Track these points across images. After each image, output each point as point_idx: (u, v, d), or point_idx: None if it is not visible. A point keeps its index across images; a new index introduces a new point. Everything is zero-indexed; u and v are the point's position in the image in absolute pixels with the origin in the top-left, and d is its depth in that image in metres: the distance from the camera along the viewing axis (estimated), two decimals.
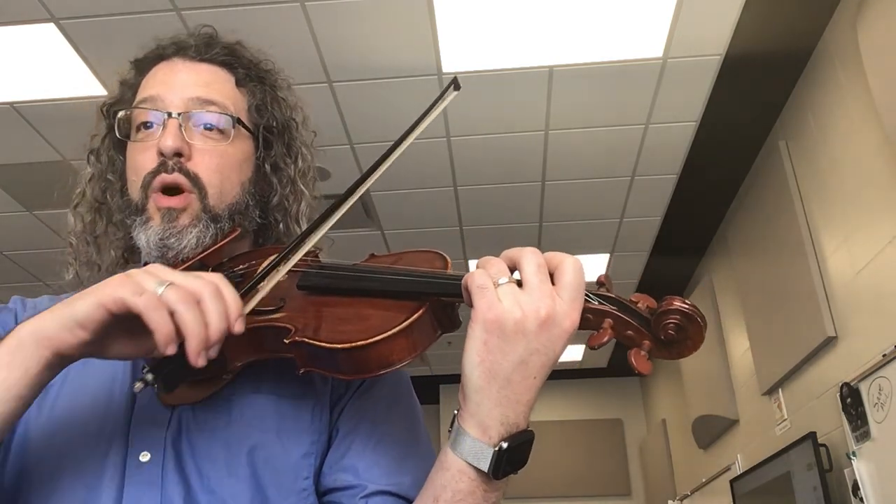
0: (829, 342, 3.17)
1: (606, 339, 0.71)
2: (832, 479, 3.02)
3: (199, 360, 0.67)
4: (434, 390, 7.13)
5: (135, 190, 0.92)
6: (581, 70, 3.19)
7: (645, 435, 7.19)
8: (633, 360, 0.70)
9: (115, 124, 0.96)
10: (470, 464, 0.71)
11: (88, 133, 1.04)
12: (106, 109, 1.01)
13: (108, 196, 1.00)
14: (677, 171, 3.97)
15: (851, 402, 2.88)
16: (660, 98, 3.38)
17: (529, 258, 0.72)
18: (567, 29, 2.95)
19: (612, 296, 0.73)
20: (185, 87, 0.93)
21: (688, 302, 0.69)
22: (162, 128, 0.91)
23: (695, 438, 5.30)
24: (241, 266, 0.92)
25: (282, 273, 0.80)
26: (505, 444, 0.70)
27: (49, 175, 3.80)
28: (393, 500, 0.84)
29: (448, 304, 0.77)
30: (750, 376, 4.15)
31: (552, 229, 4.53)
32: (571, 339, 0.71)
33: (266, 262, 0.83)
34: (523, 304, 0.69)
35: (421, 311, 0.73)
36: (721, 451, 4.84)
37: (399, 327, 0.72)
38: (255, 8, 2.75)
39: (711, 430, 4.92)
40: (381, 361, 0.73)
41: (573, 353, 6.44)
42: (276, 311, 0.80)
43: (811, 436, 3.13)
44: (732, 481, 4.22)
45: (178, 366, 0.68)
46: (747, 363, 4.19)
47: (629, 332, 0.72)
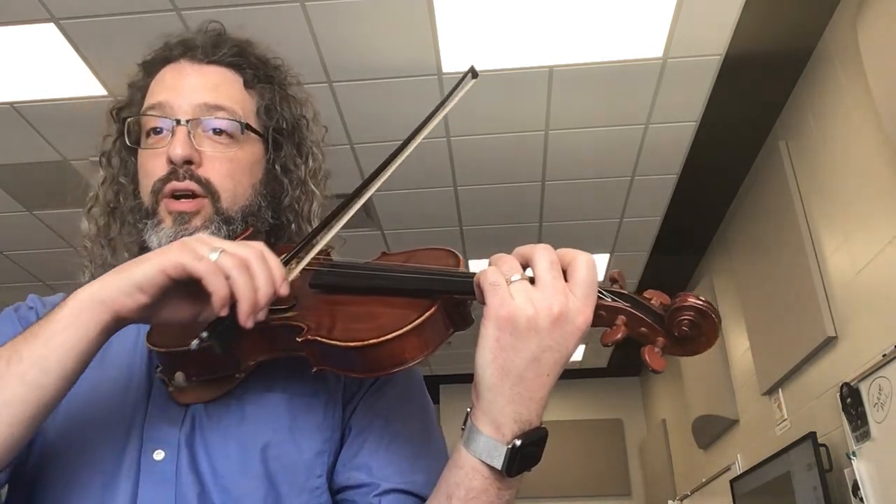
0: (829, 342, 3.17)
1: (620, 336, 0.71)
2: (832, 479, 3.02)
3: (248, 321, 0.71)
4: (434, 390, 7.13)
5: (146, 195, 0.93)
6: (581, 70, 3.19)
7: (645, 435, 7.19)
8: (647, 357, 0.70)
9: (125, 130, 0.96)
10: (483, 461, 0.71)
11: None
12: (115, 113, 1.01)
13: (121, 199, 1.00)
14: (677, 171, 3.97)
15: (851, 402, 2.88)
16: (660, 98, 3.38)
17: (542, 255, 0.72)
18: (567, 29, 2.95)
19: (625, 292, 0.73)
20: (193, 92, 0.93)
21: (702, 298, 0.69)
22: (171, 134, 0.91)
23: (695, 438, 5.30)
24: None
25: (323, 243, 0.82)
26: (518, 442, 0.70)
27: (49, 175, 3.81)
28: (406, 499, 0.84)
29: (460, 302, 0.77)
30: (750, 376, 4.15)
31: (552, 229, 4.53)
32: (584, 337, 0.71)
33: (308, 232, 0.85)
34: (536, 301, 0.69)
35: (433, 309, 0.73)
36: (721, 451, 4.84)
37: (411, 325, 0.72)
38: (255, 8, 2.75)
39: (711, 430, 4.92)
40: (393, 359, 0.73)
41: (574, 354, 6.43)
42: (289, 309, 0.80)
43: (811, 436, 3.13)
44: (732, 481, 4.22)
45: (228, 328, 0.72)
46: (747, 363, 4.19)
47: (642, 329, 0.71)
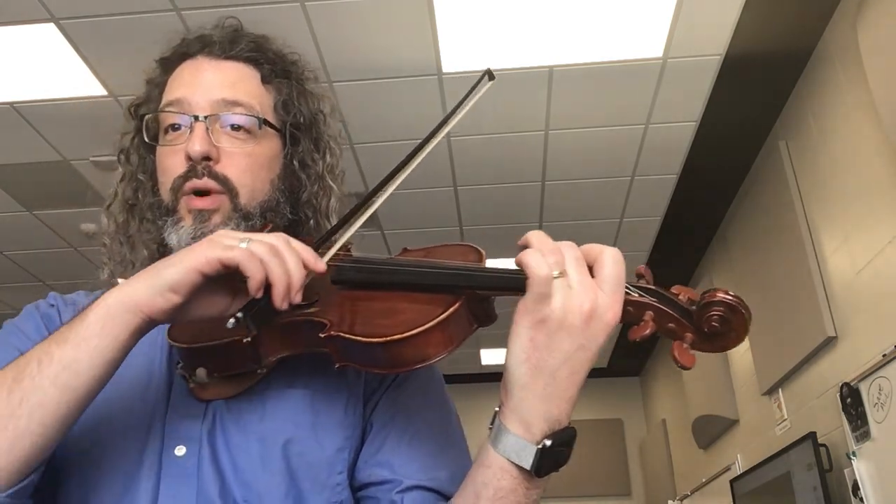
0: (829, 342, 3.17)
1: (648, 331, 0.70)
2: (832, 479, 3.02)
3: (284, 303, 0.72)
4: None
5: (165, 192, 0.93)
6: (581, 70, 3.19)
7: (645, 435, 7.19)
8: (675, 353, 0.70)
9: (143, 126, 0.96)
10: (512, 461, 0.71)
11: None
12: (133, 110, 1.01)
13: (140, 196, 1.00)
14: (677, 171, 3.97)
15: (851, 402, 2.88)
16: (660, 98, 3.38)
17: (568, 252, 0.71)
18: (567, 29, 2.95)
19: (653, 287, 0.72)
20: (210, 88, 0.93)
21: (731, 293, 0.69)
22: (189, 130, 0.91)
23: (695, 438, 5.30)
24: None
25: (355, 227, 0.83)
26: (548, 442, 0.70)
27: (49, 175, 3.81)
28: (429, 495, 0.84)
29: (484, 298, 0.76)
30: (750, 376, 4.15)
31: (552, 229, 4.51)
32: (613, 333, 0.70)
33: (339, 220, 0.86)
34: (569, 299, 0.69)
35: (457, 305, 0.73)
36: (721, 451, 4.84)
37: (435, 321, 0.71)
38: (254, 8, 2.75)
39: (711, 430, 4.92)
40: (417, 355, 0.73)
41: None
42: (311, 305, 0.80)
43: (811, 436, 3.13)
44: (732, 481, 4.22)
45: (262, 309, 0.73)
46: (747, 363, 4.19)
47: (670, 325, 0.71)
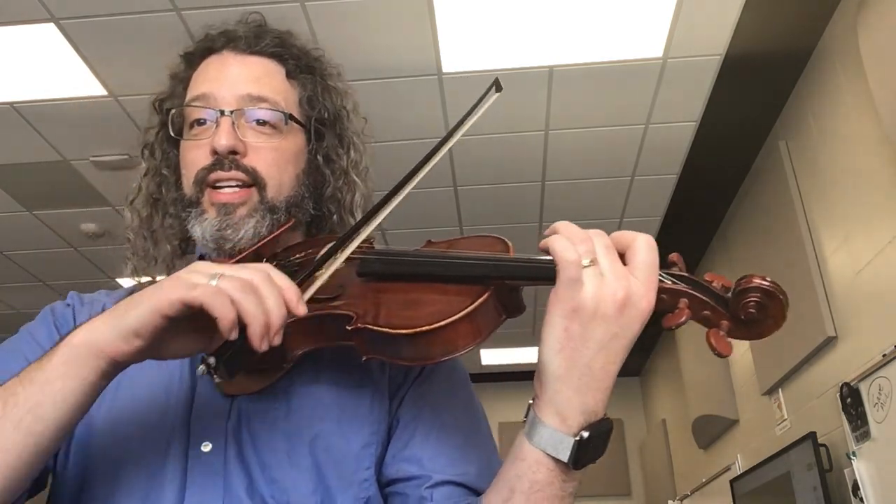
0: (829, 342, 3.17)
1: (684, 318, 0.69)
2: (832, 479, 3.02)
3: (262, 344, 0.67)
4: None
5: (188, 185, 0.92)
6: (581, 70, 3.19)
7: (645, 435, 7.18)
8: (712, 341, 0.68)
9: (169, 121, 0.96)
10: (548, 454, 0.70)
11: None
12: (157, 104, 1.01)
13: (164, 190, 1.00)
14: (677, 171, 3.96)
15: (851, 402, 2.88)
16: (660, 98, 3.38)
17: (598, 240, 0.70)
18: (567, 29, 2.95)
19: (686, 275, 0.71)
20: (236, 82, 0.93)
21: (768, 279, 0.67)
22: (215, 125, 0.91)
23: (695, 438, 5.29)
24: (298, 255, 0.91)
25: (338, 262, 0.79)
26: (586, 434, 0.69)
27: (49, 175, 3.80)
28: (458, 490, 0.83)
29: (513, 289, 0.75)
30: (750, 376, 4.15)
31: None
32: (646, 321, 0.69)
33: (323, 250, 0.82)
34: (601, 287, 0.68)
35: (486, 296, 0.72)
36: (721, 451, 4.84)
37: (463, 312, 0.70)
38: (254, 8, 2.74)
39: (711, 430, 4.92)
40: (445, 347, 0.71)
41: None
42: (336, 298, 0.79)
43: (811, 436, 3.13)
44: (732, 481, 4.21)
45: (240, 351, 0.68)
46: (747, 363, 4.19)
47: (706, 312, 0.70)
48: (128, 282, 1.02)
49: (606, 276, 0.68)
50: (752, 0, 2.82)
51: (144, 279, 0.98)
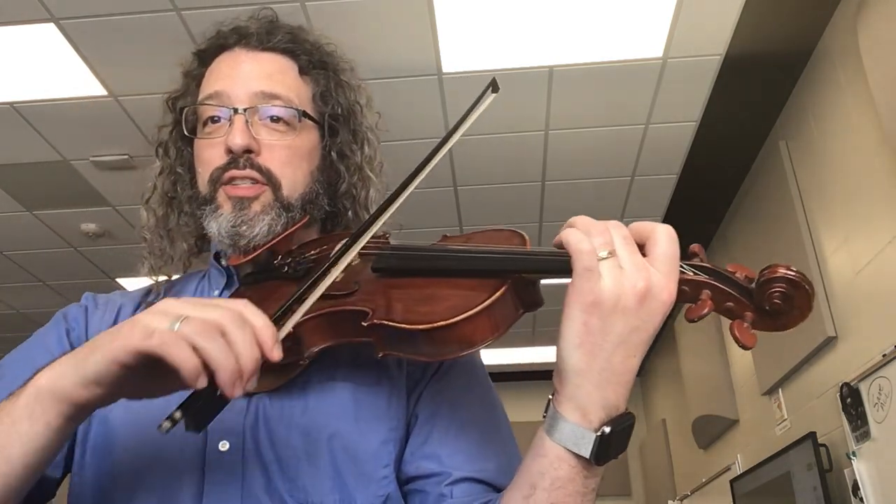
0: (829, 342, 3.17)
1: (706, 310, 0.67)
2: (832, 479, 3.02)
3: (234, 391, 0.62)
4: None
5: (203, 183, 0.92)
6: (581, 70, 3.19)
7: (645, 435, 7.18)
8: (736, 332, 0.67)
9: (182, 119, 0.96)
10: (569, 450, 0.69)
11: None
12: (171, 103, 1.00)
13: (178, 189, 0.99)
14: (677, 171, 3.96)
15: (851, 402, 2.88)
16: (660, 98, 3.37)
17: (615, 231, 0.69)
18: (567, 29, 2.95)
19: (708, 265, 0.70)
20: (249, 80, 0.93)
21: (793, 268, 0.65)
22: (229, 123, 0.90)
23: (695, 438, 5.29)
24: (312, 252, 0.91)
25: (338, 270, 0.76)
26: (608, 429, 0.68)
27: (49, 175, 3.80)
28: (478, 487, 0.82)
29: (530, 282, 0.74)
30: (750, 376, 4.15)
31: (552, 229, 4.52)
32: (668, 312, 0.68)
33: (335, 248, 0.80)
34: (620, 279, 0.67)
35: (503, 289, 0.70)
36: (721, 451, 4.84)
37: (481, 306, 0.69)
38: (254, 8, 2.75)
39: (711, 430, 4.92)
40: (462, 342, 0.70)
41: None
42: (351, 294, 0.78)
43: (811, 436, 3.13)
44: (732, 481, 4.21)
45: (211, 399, 0.62)
46: (747, 363, 4.19)
47: (729, 304, 0.68)
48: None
49: (626, 268, 0.67)
50: (752, 0, 2.82)
51: (161, 278, 0.98)
